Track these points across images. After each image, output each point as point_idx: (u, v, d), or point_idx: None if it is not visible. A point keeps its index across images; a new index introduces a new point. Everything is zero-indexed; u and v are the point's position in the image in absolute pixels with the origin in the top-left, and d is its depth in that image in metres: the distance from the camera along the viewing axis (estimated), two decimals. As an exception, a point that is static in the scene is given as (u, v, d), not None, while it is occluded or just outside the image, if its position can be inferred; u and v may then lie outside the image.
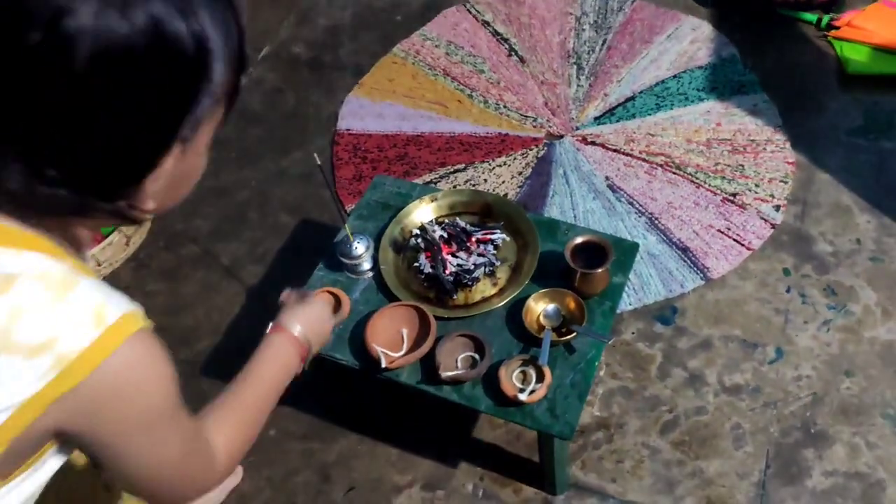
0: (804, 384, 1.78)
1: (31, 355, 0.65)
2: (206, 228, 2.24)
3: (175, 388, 0.77)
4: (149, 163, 0.66)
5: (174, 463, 0.80)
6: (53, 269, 0.68)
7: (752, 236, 2.05)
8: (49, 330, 0.66)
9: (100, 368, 0.67)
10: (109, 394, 0.69)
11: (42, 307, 0.66)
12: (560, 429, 1.38)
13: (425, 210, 1.69)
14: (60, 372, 0.66)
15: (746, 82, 2.40)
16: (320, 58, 2.68)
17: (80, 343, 0.66)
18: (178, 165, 0.69)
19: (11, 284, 0.66)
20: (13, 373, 0.65)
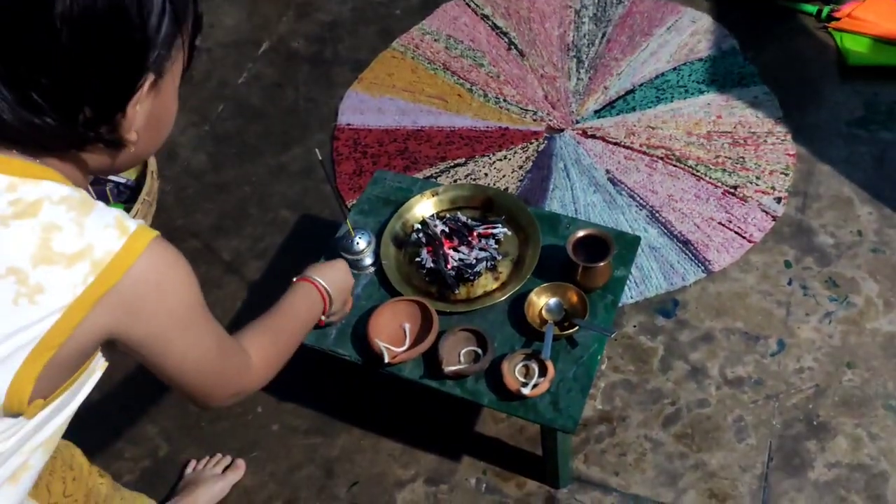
0: (806, 376, 1.78)
1: (71, 263, 0.73)
2: (206, 224, 2.24)
3: (199, 289, 0.86)
4: (124, 90, 0.75)
5: (212, 358, 0.89)
6: (72, 194, 0.76)
7: (754, 229, 2.04)
8: (82, 240, 0.74)
9: (132, 268, 0.75)
10: (144, 290, 0.77)
11: (72, 221, 0.74)
12: (563, 422, 1.38)
13: (426, 205, 1.68)
14: (98, 275, 0.74)
15: (747, 74, 2.39)
16: (320, 53, 2.67)
17: (112, 248, 0.75)
18: (153, 103, 0.80)
19: (39, 208, 0.74)
20: (57, 280, 0.72)
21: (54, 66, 0.70)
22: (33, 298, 0.72)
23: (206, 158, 2.40)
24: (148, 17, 0.73)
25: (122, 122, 0.77)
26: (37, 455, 0.87)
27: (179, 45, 0.79)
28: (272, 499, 1.73)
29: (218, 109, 2.52)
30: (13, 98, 0.71)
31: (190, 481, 1.71)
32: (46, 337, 0.73)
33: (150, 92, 0.78)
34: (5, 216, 0.73)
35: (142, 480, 1.77)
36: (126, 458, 1.81)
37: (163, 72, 0.78)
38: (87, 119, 0.75)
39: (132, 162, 0.86)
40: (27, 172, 0.75)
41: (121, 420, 1.86)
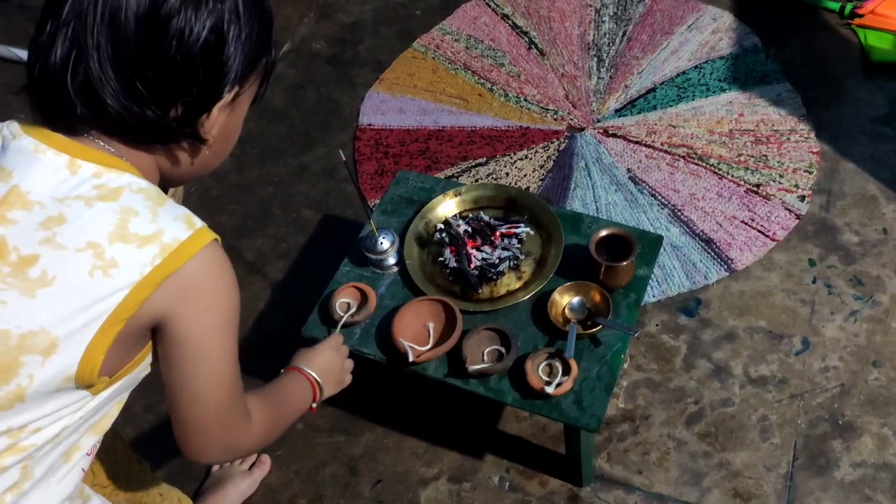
0: (831, 375, 1.77)
1: (143, 244, 0.80)
2: (230, 224, 2.26)
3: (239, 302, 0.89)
4: (213, 93, 0.85)
5: (226, 392, 0.90)
6: (149, 187, 0.84)
7: (777, 227, 2.03)
8: (154, 226, 0.81)
9: (195, 258, 0.81)
10: (202, 280, 0.83)
11: (146, 210, 0.81)
12: (587, 421, 1.39)
13: (449, 204, 1.69)
14: (165, 258, 0.80)
15: (769, 72, 2.38)
16: (341, 53, 2.69)
17: (179, 236, 0.81)
18: (228, 117, 0.89)
19: (120, 194, 0.81)
20: (129, 258, 0.79)
21: (161, 66, 0.79)
22: (107, 272, 0.78)
23: (229, 160, 2.41)
24: (239, 40, 0.84)
25: (205, 123, 0.86)
26: (88, 437, 0.92)
27: (257, 73, 0.90)
28: (297, 497, 1.75)
29: (241, 111, 2.55)
30: (119, 85, 0.79)
31: (218, 479, 1.73)
32: (117, 310, 0.79)
33: (230, 104, 0.87)
34: (90, 197, 0.80)
35: (169, 478, 1.79)
36: (154, 455, 1.83)
37: (243, 89, 0.88)
38: (177, 115, 0.84)
39: (201, 169, 0.94)
40: (112, 164, 0.83)
41: (148, 418, 1.88)
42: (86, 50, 0.78)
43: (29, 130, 0.83)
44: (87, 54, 0.78)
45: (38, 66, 0.80)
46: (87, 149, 0.82)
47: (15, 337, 0.78)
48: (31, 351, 0.78)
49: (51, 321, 0.78)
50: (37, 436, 0.84)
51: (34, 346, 0.78)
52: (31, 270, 0.78)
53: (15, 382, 0.79)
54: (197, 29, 0.80)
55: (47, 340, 0.78)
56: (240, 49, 0.84)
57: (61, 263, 0.78)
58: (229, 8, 0.82)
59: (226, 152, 0.95)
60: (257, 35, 0.86)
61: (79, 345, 0.79)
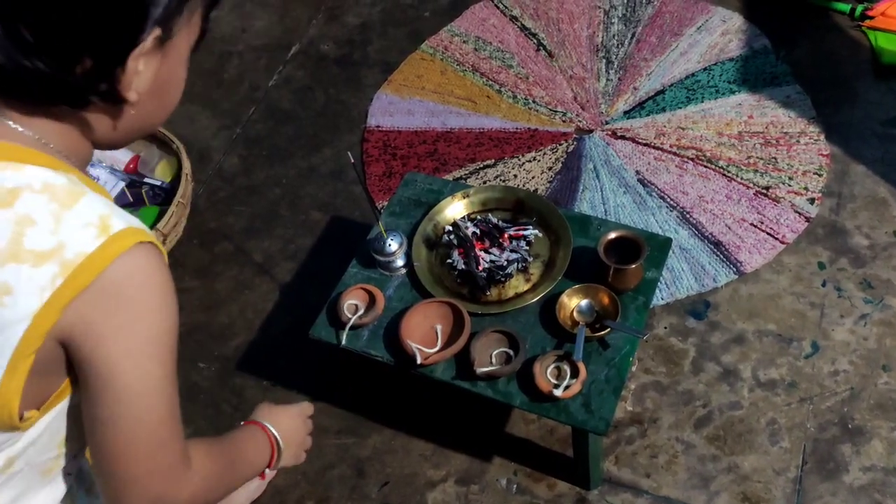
0: (841, 379, 1.76)
1: (39, 263, 0.66)
2: (238, 226, 2.27)
3: (176, 327, 0.74)
4: (125, 37, 0.68)
5: (153, 427, 0.74)
6: (57, 182, 0.69)
7: (786, 230, 2.03)
8: (55, 238, 0.67)
9: (103, 274, 0.67)
10: (113, 300, 0.69)
11: (48, 217, 0.67)
12: (595, 424, 1.39)
13: (457, 206, 1.69)
14: (66, 278, 0.66)
15: (779, 74, 2.37)
16: (349, 55, 2.69)
17: (85, 248, 0.67)
18: (160, 66, 0.72)
19: (16, 197, 0.67)
20: (23, 281, 0.66)
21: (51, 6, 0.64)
22: (1, 299, 0.66)
23: (237, 161, 2.43)
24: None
25: (122, 78, 0.70)
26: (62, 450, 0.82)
27: (194, 8, 0.73)
28: (304, 498, 1.75)
29: (249, 112, 2.55)
30: (4, 34, 0.64)
31: (225, 480, 1.72)
32: (20, 345, 0.67)
33: (156, 51, 0.71)
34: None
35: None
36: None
37: (171, 31, 0.71)
38: (84, 70, 0.68)
39: (135, 131, 0.78)
40: (11, 154, 0.69)
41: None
42: None
43: None
44: None
45: None
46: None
47: None
48: None
49: None
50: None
51: None
52: None
53: None
54: None
55: None
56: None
57: None
58: None
59: (167, 107, 0.79)
60: None
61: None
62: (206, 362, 1.98)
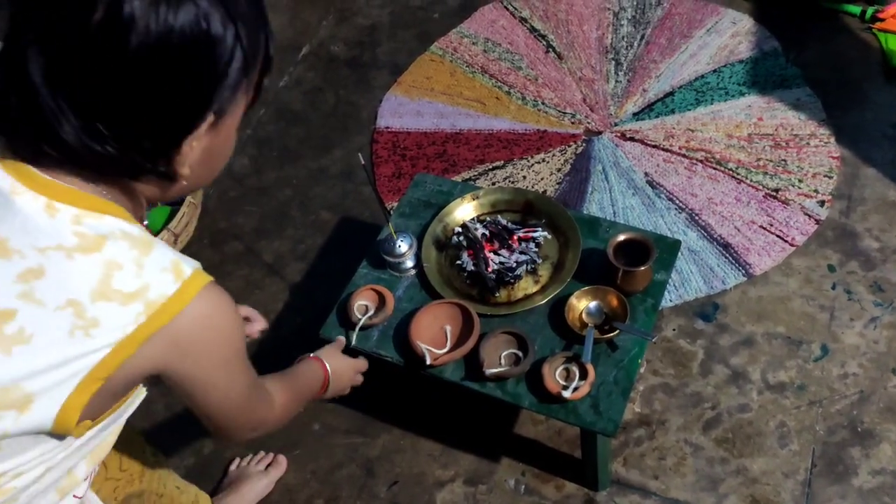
0: (851, 382, 1.76)
1: (126, 302, 0.76)
2: (249, 226, 2.28)
3: (243, 332, 0.91)
4: (183, 127, 0.77)
5: (244, 397, 0.94)
6: (133, 231, 0.79)
7: (796, 232, 2.02)
8: (140, 281, 0.77)
9: (182, 313, 0.78)
10: (194, 333, 0.81)
11: (131, 262, 0.77)
12: (604, 425, 1.39)
13: (467, 208, 1.70)
14: (150, 316, 0.77)
15: (789, 76, 2.37)
16: (359, 57, 2.70)
17: (166, 291, 0.77)
18: (211, 140, 0.81)
19: (103, 244, 0.77)
20: (111, 317, 0.75)
21: (121, 98, 0.72)
22: (88, 332, 0.75)
23: (248, 162, 2.44)
24: (217, 63, 0.75)
25: (177, 157, 0.79)
26: (81, 467, 0.91)
27: (242, 92, 0.81)
28: (313, 497, 1.76)
29: (259, 113, 2.57)
30: (79, 124, 0.73)
31: (235, 478, 1.74)
32: (95, 369, 0.76)
33: (209, 131, 0.80)
34: (70, 248, 0.76)
35: (186, 477, 1.80)
36: (171, 455, 1.85)
37: (224, 113, 0.80)
38: (144, 152, 0.77)
39: (183, 193, 0.89)
40: (91, 205, 0.78)
41: (166, 419, 1.90)
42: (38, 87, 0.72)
43: (6, 166, 0.77)
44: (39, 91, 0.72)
45: None
46: (64, 188, 0.77)
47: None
48: (5, 406, 0.75)
49: (25, 377, 0.74)
50: (18, 480, 0.82)
51: (9, 401, 0.75)
52: (7, 327, 0.74)
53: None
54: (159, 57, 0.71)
55: (22, 396, 0.75)
56: (213, 76, 0.75)
57: (40, 321, 0.74)
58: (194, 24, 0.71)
59: (215, 171, 0.88)
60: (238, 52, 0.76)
61: (55, 401, 0.76)
62: (217, 362, 1.99)
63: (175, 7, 0.70)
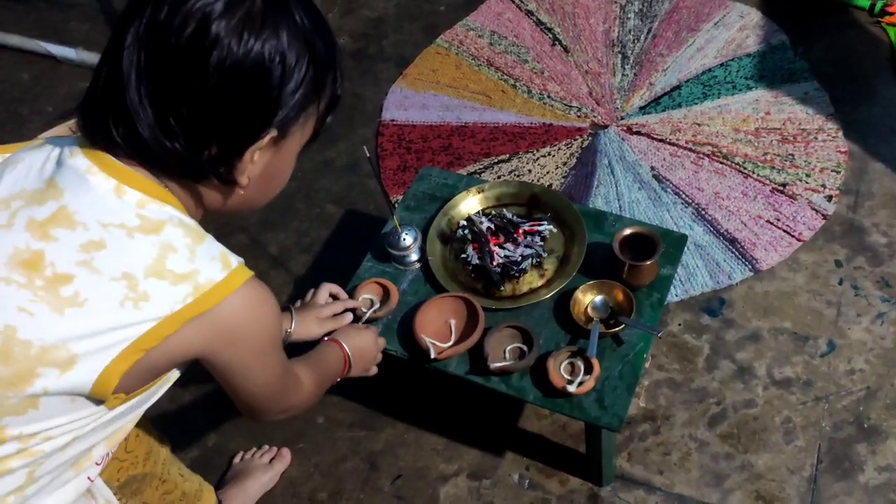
0: (857, 378, 1.75)
1: (177, 282, 0.81)
2: (254, 218, 2.27)
3: (280, 325, 0.96)
4: (247, 137, 0.84)
5: (277, 381, 0.99)
6: (189, 222, 0.85)
7: (803, 227, 2.01)
8: (192, 265, 0.82)
9: (228, 300, 0.83)
10: (238, 321, 0.86)
11: (186, 247, 0.83)
12: (608, 420, 1.38)
13: (472, 201, 1.69)
14: (197, 298, 0.81)
15: (797, 70, 2.35)
16: (365, 49, 2.69)
17: (214, 278, 0.83)
18: (272, 158, 0.89)
19: (162, 228, 0.83)
20: (161, 294, 0.80)
21: (196, 101, 0.80)
22: (138, 304, 0.80)
23: (252, 154, 2.43)
24: (286, 83, 0.83)
25: (238, 165, 0.86)
26: (99, 448, 0.93)
27: (311, 115, 0.89)
28: (317, 490, 1.76)
29: (264, 106, 2.56)
30: (154, 118, 0.80)
31: (239, 471, 1.74)
32: (139, 340, 0.80)
33: (271, 147, 0.87)
34: (132, 228, 0.81)
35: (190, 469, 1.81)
36: (175, 446, 1.85)
37: (287, 132, 0.87)
38: (210, 155, 0.84)
39: (240, 208, 0.95)
40: (156, 194, 0.84)
41: (171, 410, 1.90)
42: (128, 80, 0.79)
43: (86, 152, 0.84)
44: (128, 84, 0.80)
45: (89, 87, 0.83)
46: (134, 175, 0.83)
47: (36, 348, 0.78)
48: (49, 364, 0.79)
49: (73, 338, 0.79)
50: (47, 444, 0.84)
51: (53, 359, 0.79)
52: (64, 289, 0.79)
53: (30, 391, 0.80)
54: (236, 71, 0.80)
55: (67, 356, 0.79)
56: (280, 95, 0.83)
57: (94, 288, 0.79)
58: (272, 51, 0.81)
59: (271, 191, 0.96)
60: (304, 80, 0.84)
61: (97, 364, 0.80)
62: (221, 354, 1.99)
63: (257, 35, 0.80)
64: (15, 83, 2.77)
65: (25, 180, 0.84)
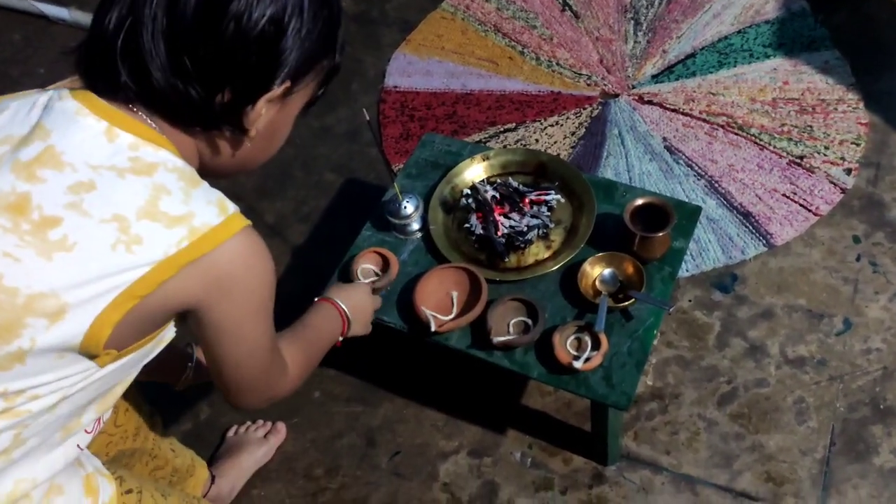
0: (874, 357, 1.69)
1: (171, 224, 0.77)
2: (250, 185, 2.21)
3: (274, 290, 0.89)
4: (261, 84, 0.83)
5: (264, 355, 0.93)
6: (185, 167, 0.82)
7: (820, 201, 1.94)
8: (186, 207, 0.79)
9: (225, 245, 0.80)
10: (231, 270, 0.82)
11: (181, 189, 0.80)
12: (616, 398, 1.33)
13: (477, 169, 1.62)
14: (192, 242, 0.78)
15: (817, 38, 2.26)
16: (367, 13, 2.61)
17: (210, 221, 0.79)
18: (278, 112, 0.88)
19: (154, 170, 0.79)
20: (155, 237, 0.77)
21: (214, 43, 0.79)
22: (130, 247, 0.76)
23: (251, 120, 2.37)
24: (302, 33, 0.83)
25: (250, 114, 0.84)
26: (89, 413, 0.90)
27: (318, 73, 0.89)
28: (313, 466, 1.71)
29: (263, 70, 2.48)
30: (168, 59, 0.79)
31: (233, 445, 1.70)
32: (133, 286, 0.76)
33: (280, 99, 0.86)
34: (123, 169, 0.78)
35: (183, 443, 1.76)
36: (167, 421, 1.80)
37: (296, 85, 0.86)
38: (223, 101, 0.82)
39: (239, 166, 0.93)
40: (151, 138, 0.81)
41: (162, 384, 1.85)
42: (141, 19, 0.78)
43: (75, 94, 0.81)
44: (142, 24, 0.78)
45: (92, 28, 0.81)
46: (128, 118, 0.81)
47: (23, 297, 0.74)
48: (37, 313, 0.75)
49: (63, 286, 0.75)
50: (34, 403, 0.80)
51: (41, 308, 0.75)
52: (52, 232, 0.75)
53: (16, 343, 0.75)
54: (256, 15, 0.79)
55: (56, 305, 0.75)
56: (298, 44, 0.83)
57: (84, 231, 0.76)
58: (294, 1, 0.81)
59: (271, 150, 0.94)
60: (319, 34, 0.85)
61: (88, 314, 0.76)
62: (216, 325, 1.94)
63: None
64: (6, 43, 2.70)
65: (11, 125, 0.81)
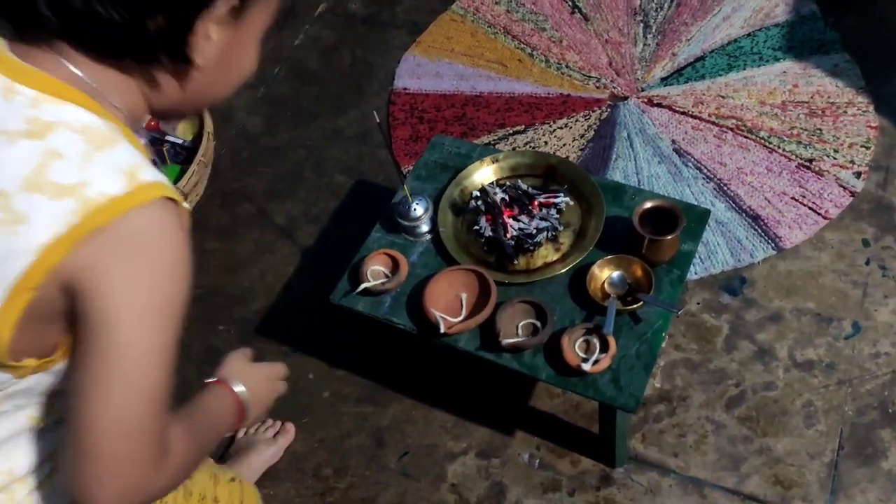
0: (883, 361, 1.69)
1: (57, 196, 0.65)
2: (261, 187, 2.22)
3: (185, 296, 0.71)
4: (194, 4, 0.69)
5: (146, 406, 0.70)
6: (96, 125, 0.68)
7: (830, 204, 1.93)
8: (80, 175, 0.65)
9: (126, 217, 0.66)
10: (127, 249, 0.67)
11: (77, 155, 0.66)
12: (624, 401, 1.33)
13: (486, 171, 1.63)
14: (83, 216, 0.65)
15: (827, 41, 2.26)
16: (377, 15, 2.62)
17: (108, 191, 0.66)
18: (231, 37, 0.74)
19: (50, 131, 0.66)
20: (39, 212, 0.64)
21: None
22: (14, 228, 0.65)
23: (261, 121, 2.38)
24: None
25: (192, 41, 0.70)
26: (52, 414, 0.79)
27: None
28: (322, 466, 1.72)
29: (274, 72, 2.49)
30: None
31: (242, 446, 1.70)
32: (24, 278, 0.65)
33: (230, 22, 0.72)
34: (16, 133, 0.66)
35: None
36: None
37: (246, 5, 0.73)
38: (157, 26, 0.68)
39: (194, 101, 0.78)
40: (57, 91, 0.68)
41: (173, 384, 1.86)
42: None
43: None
44: None
45: None
46: (31, 70, 0.68)
47: None
48: None
49: None
50: None
51: None
52: None
53: None
54: None
55: None
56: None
57: None
58: None
59: (230, 81, 0.79)
60: None
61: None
62: (226, 325, 1.95)
63: None
64: None
65: None
